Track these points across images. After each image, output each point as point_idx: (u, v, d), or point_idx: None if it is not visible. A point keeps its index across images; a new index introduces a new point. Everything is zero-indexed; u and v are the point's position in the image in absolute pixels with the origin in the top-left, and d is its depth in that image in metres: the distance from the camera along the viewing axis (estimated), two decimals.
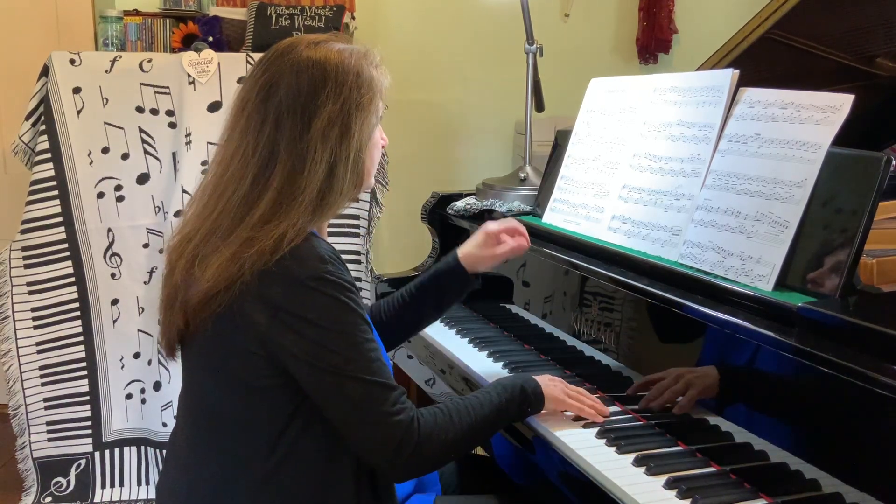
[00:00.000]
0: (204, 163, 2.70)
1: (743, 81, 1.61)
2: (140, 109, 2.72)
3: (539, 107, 2.36)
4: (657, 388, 1.49)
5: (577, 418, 1.50)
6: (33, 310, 2.73)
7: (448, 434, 1.31)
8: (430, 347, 2.06)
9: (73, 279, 2.74)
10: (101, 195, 2.73)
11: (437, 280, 1.71)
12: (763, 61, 2.03)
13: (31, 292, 2.73)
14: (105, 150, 2.72)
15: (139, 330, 2.77)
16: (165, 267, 1.36)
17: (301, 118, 1.27)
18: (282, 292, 1.23)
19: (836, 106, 1.40)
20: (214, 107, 2.71)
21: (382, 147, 1.43)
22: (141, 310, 2.76)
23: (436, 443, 1.29)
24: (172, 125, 2.73)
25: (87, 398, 2.78)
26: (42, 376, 2.75)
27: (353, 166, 1.30)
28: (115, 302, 2.76)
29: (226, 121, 1.34)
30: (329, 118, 1.27)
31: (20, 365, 2.73)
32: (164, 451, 2.76)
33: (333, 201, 1.30)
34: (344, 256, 2.74)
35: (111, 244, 2.74)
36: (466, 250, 1.70)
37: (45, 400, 2.76)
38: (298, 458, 1.29)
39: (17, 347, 2.73)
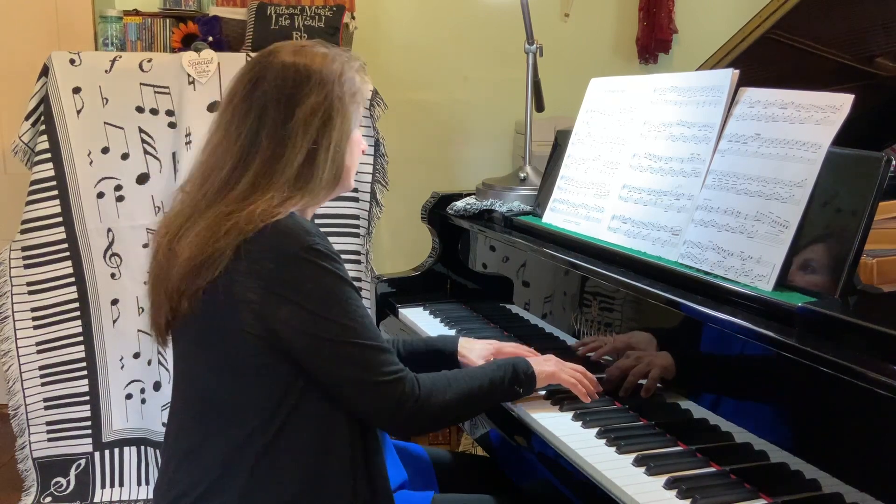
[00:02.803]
0: None
1: (743, 81, 1.61)
2: (140, 109, 2.72)
3: (539, 107, 2.36)
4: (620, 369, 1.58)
5: (573, 412, 1.52)
6: (33, 310, 2.73)
7: (446, 395, 1.38)
8: None
9: (72, 279, 2.74)
10: (100, 195, 2.73)
11: (428, 353, 1.75)
12: (763, 61, 2.03)
13: (31, 292, 2.72)
14: (105, 150, 2.72)
15: (139, 330, 2.77)
16: (151, 248, 1.40)
17: (285, 107, 1.33)
18: (274, 266, 1.26)
19: (836, 106, 1.40)
20: (214, 107, 2.71)
21: (362, 152, 1.48)
22: (141, 310, 2.76)
23: (435, 401, 1.36)
24: (172, 125, 2.72)
25: (87, 398, 2.78)
26: (42, 376, 2.75)
27: (332, 156, 1.36)
28: (114, 302, 2.76)
29: (214, 117, 1.41)
30: (312, 108, 1.33)
31: (20, 365, 2.73)
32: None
33: (312, 188, 1.35)
34: (344, 256, 2.76)
35: (111, 244, 2.74)
36: (468, 347, 1.73)
37: (45, 400, 2.75)
38: (291, 438, 1.31)
39: (17, 347, 2.72)
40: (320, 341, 1.28)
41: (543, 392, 1.59)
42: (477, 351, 1.71)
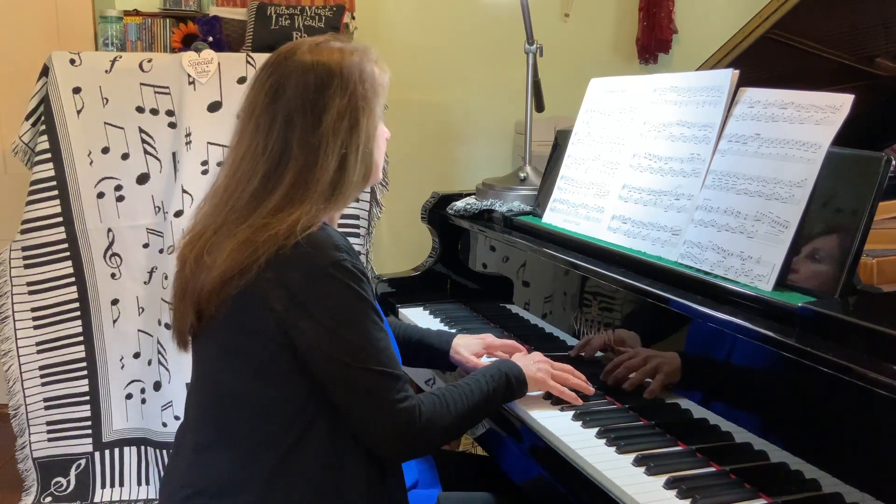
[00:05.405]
0: (204, 163, 2.70)
1: (743, 81, 1.61)
2: (140, 109, 2.72)
3: (539, 107, 2.36)
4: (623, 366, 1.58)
5: (573, 411, 1.52)
6: (33, 310, 2.73)
7: (445, 421, 1.37)
8: None
9: (73, 279, 2.74)
10: (101, 195, 2.73)
11: (420, 347, 1.78)
12: (763, 61, 2.03)
13: (31, 292, 2.72)
14: (105, 150, 2.72)
15: (139, 330, 2.77)
16: (177, 264, 1.39)
17: (311, 114, 1.32)
18: (299, 278, 1.26)
19: (836, 106, 1.40)
20: (214, 107, 2.71)
21: (386, 140, 1.48)
22: (141, 310, 2.76)
23: (434, 429, 1.36)
24: (172, 125, 2.73)
25: (87, 398, 2.78)
26: (42, 376, 2.75)
27: (362, 157, 1.36)
28: (115, 302, 2.76)
29: (235, 126, 1.39)
30: (338, 112, 1.32)
31: (20, 365, 2.73)
32: (165, 451, 2.77)
33: (345, 192, 1.35)
34: None
35: (111, 244, 2.74)
36: (462, 345, 1.76)
37: (45, 400, 2.75)
38: (311, 444, 1.30)
39: (17, 347, 2.73)
40: (333, 361, 1.27)
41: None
42: (469, 348, 1.74)
